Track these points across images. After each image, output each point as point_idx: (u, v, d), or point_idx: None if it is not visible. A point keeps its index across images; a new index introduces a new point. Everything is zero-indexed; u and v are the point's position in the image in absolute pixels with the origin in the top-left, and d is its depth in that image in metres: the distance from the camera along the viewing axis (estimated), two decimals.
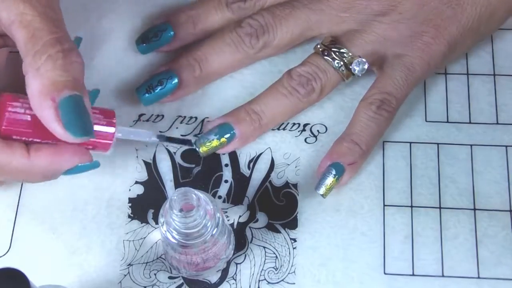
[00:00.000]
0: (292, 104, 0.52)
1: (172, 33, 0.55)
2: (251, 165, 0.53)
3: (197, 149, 0.51)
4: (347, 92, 0.55)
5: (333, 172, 0.50)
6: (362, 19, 0.53)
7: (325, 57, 0.52)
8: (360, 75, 0.52)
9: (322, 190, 0.50)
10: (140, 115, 0.55)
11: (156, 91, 0.53)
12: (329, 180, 0.50)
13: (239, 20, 0.54)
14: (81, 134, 0.42)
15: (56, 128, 0.41)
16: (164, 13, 0.58)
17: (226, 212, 0.51)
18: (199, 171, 0.53)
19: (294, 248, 0.50)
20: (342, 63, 0.52)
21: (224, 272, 0.50)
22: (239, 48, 0.53)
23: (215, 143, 0.51)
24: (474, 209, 0.51)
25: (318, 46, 0.53)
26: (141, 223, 0.51)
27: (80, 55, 0.43)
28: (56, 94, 0.41)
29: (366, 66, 0.52)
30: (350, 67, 0.52)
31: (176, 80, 0.53)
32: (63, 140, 0.42)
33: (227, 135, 0.51)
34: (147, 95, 0.53)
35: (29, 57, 0.41)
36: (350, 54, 0.52)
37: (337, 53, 0.52)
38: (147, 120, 0.55)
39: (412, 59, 0.52)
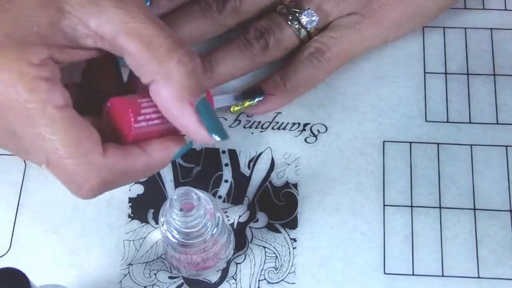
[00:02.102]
0: (246, 58, 0.53)
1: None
2: (251, 164, 0.53)
3: None
4: (347, 92, 0.55)
5: None
6: None
7: (280, 10, 0.54)
8: (309, 27, 0.53)
9: (233, 107, 0.52)
10: None
11: None
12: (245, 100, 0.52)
13: None
14: (223, 136, 0.40)
15: (201, 132, 0.40)
16: None
17: (226, 212, 0.51)
18: (199, 171, 0.53)
19: (294, 248, 0.50)
20: (296, 21, 0.53)
21: (224, 272, 0.50)
22: (207, 15, 0.54)
23: None
24: (474, 209, 0.51)
25: (279, 5, 0.54)
26: (141, 223, 0.51)
27: (196, 54, 0.41)
28: (193, 99, 0.39)
29: (314, 18, 0.53)
30: (300, 17, 0.53)
31: None
32: (205, 141, 0.41)
33: None
34: None
35: (154, 65, 0.39)
36: (302, 9, 0.53)
37: (292, 9, 0.53)
38: None
39: (360, 17, 0.53)
